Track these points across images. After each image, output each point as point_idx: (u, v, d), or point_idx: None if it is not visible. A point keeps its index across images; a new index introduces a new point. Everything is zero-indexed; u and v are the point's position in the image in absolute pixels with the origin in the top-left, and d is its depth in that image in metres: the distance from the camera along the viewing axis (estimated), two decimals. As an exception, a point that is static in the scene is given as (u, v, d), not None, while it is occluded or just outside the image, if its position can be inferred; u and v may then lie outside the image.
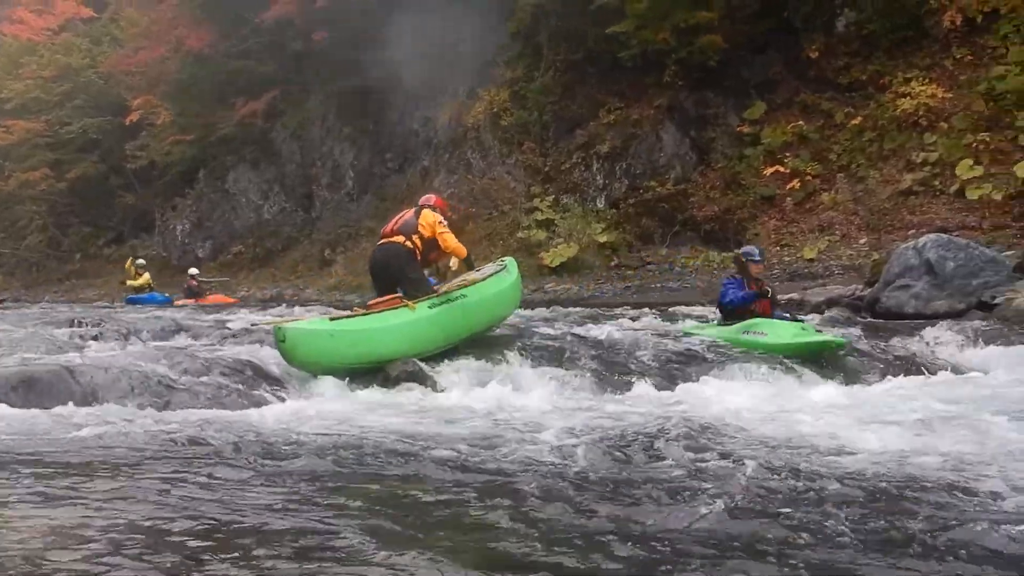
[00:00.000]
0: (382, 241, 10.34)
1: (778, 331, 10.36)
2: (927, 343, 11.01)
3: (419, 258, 10.19)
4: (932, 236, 15.83)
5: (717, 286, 17.07)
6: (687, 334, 11.46)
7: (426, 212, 10.38)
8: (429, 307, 9.74)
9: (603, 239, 26.92)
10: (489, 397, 8.11)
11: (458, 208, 31.18)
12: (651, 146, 28.51)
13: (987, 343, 10.72)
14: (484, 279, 10.69)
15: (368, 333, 9.19)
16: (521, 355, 9.69)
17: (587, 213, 28.30)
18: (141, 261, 29.88)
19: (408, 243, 10.12)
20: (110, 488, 4.69)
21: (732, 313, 11.59)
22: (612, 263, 26.58)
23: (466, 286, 10.29)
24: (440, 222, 10.30)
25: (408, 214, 10.52)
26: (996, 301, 14.13)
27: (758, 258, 12.06)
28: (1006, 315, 13.42)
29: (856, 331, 11.67)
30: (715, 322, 12.28)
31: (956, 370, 9.70)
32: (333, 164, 38.38)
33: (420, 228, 10.18)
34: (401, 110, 36.65)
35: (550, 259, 26.59)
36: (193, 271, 28.62)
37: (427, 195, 11.07)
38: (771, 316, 11.29)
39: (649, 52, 27.82)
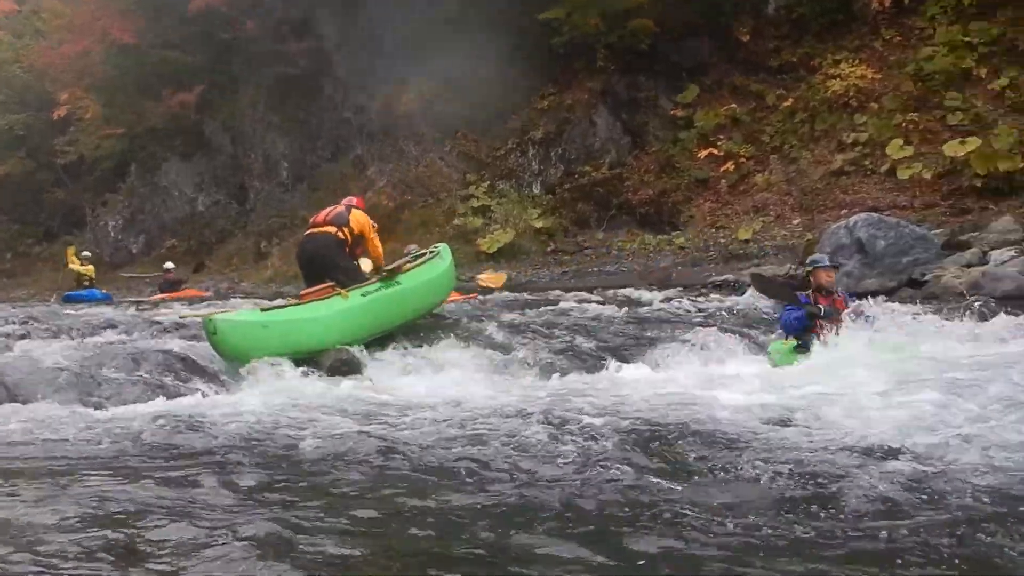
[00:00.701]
0: (311, 231, 10.31)
1: None
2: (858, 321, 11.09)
3: (348, 249, 10.15)
4: (863, 215, 16.05)
5: (653, 269, 17.21)
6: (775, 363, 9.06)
7: (357, 212, 10.46)
8: (362, 295, 9.66)
9: (539, 224, 26.93)
10: (423, 384, 8.07)
11: (393, 196, 31.03)
12: (585, 131, 28.56)
13: (915, 320, 10.84)
14: (418, 265, 10.66)
15: (300, 323, 9.07)
16: (457, 341, 9.65)
17: (523, 199, 28.28)
18: (86, 254, 28.66)
19: (339, 233, 10.08)
20: (35, 486, 4.59)
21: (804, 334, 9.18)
22: (549, 248, 26.60)
23: (400, 272, 10.24)
24: (373, 226, 10.44)
25: (339, 207, 10.59)
26: (925, 279, 14.35)
27: (826, 263, 9.63)
28: (935, 292, 13.63)
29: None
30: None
31: (886, 347, 9.78)
32: (265, 155, 37.94)
33: (351, 223, 10.16)
34: (333, 99, 36.30)
35: (487, 245, 26.54)
36: (168, 265, 27.51)
37: (348, 197, 11.08)
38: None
39: (580, 37, 27.83)
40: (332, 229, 10.14)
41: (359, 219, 10.32)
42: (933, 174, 21.77)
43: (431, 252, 11.38)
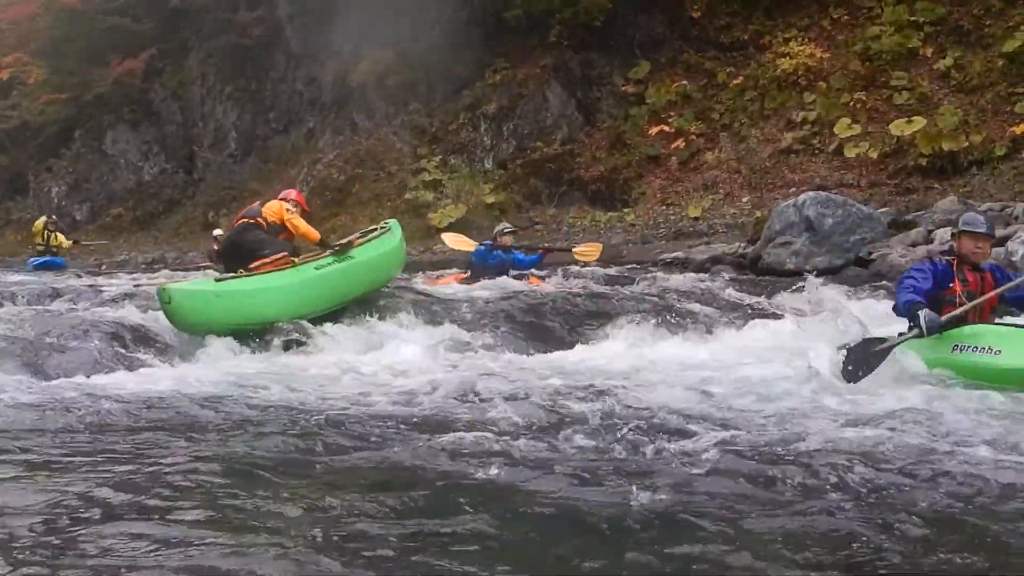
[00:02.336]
0: (235, 226, 10.45)
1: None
2: (807, 299, 11.23)
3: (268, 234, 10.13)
4: (811, 194, 16.22)
5: (603, 246, 17.21)
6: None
7: (271, 203, 10.42)
8: (316, 268, 9.60)
9: (491, 199, 26.92)
10: (376, 360, 8.05)
11: (344, 169, 30.87)
12: (537, 106, 28.57)
13: (860, 297, 11.01)
14: (368, 241, 10.58)
15: (255, 293, 8.99)
16: (409, 317, 9.63)
17: (475, 174, 28.26)
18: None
19: (257, 220, 10.14)
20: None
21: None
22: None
23: (353, 247, 10.19)
24: (287, 209, 10.29)
25: (254, 204, 10.69)
26: (872, 257, 14.57)
27: (980, 227, 6.81)
28: (881, 270, 13.85)
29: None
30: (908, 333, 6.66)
31: (836, 325, 9.89)
32: (216, 125, 37.56)
33: (264, 214, 10.17)
34: (284, 70, 36.00)
35: (438, 220, 26.47)
36: (217, 232, 25.47)
37: (287, 190, 11.05)
38: (990, 320, 6.84)
39: (534, 12, 27.79)
40: (247, 220, 10.19)
41: (271, 207, 10.28)
42: (879, 153, 22.07)
43: (381, 228, 11.23)
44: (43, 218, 25.13)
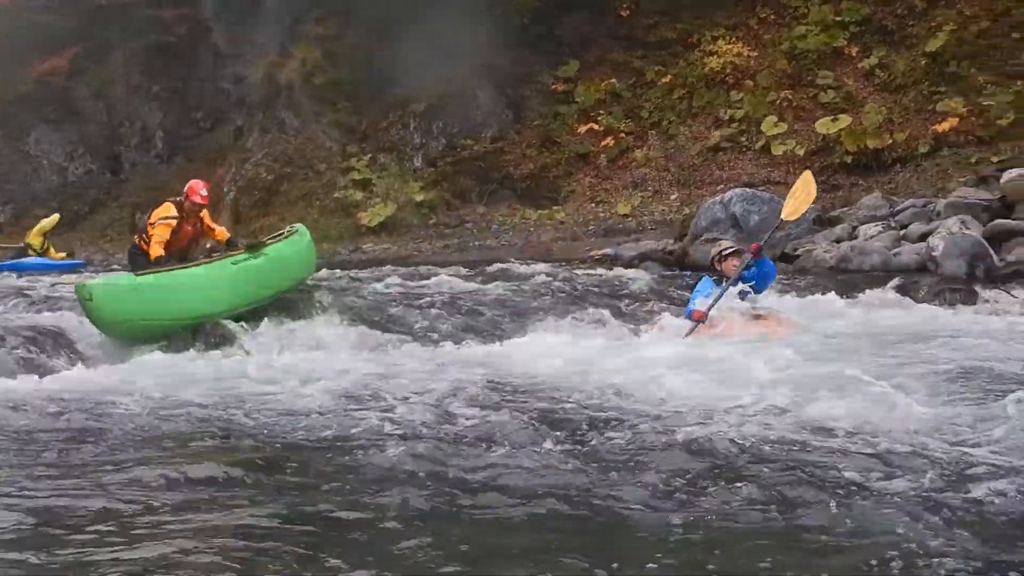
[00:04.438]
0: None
1: None
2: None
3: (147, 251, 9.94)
4: (737, 191, 16.41)
5: (533, 244, 17.29)
6: None
7: (157, 210, 10.18)
8: (232, 263, 9.50)
9: (421, 198, 26.80)
10: (301, 360, 7.95)
11: (273, 168, 30.55)
12: (467, 104, 28.51)
13: (785, 293, 11.14)
14: (279, 240, 10.52)
15: (176, 288, 8.82)
16: (335, 316, 9.55)
17: (404, 172, 28.10)
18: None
19: (138, 240, 10.16)
20: None
21: None
22: (431, 222, 26.50)
23: (267, 245, 10.15)
24: (162, 218, 9.97)
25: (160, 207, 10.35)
26: (797, 253, 14.75)
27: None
28: (806, 266, 14.04)
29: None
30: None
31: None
32: (141, 124, 36.96)
33: (148, 225, 10.05)
34: (211, 68, 35.57)
35: (368, 219, 26.30)
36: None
37: (192, 183, 10.59)
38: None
39: (464, 10, 27.73)
40: (136, 238, 10.32)
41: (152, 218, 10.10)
42: (806, 151, 22.38)
43: (289, 230, 11.07)
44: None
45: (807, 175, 10.32)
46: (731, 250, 9.53)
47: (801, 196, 9.95)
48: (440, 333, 9.32)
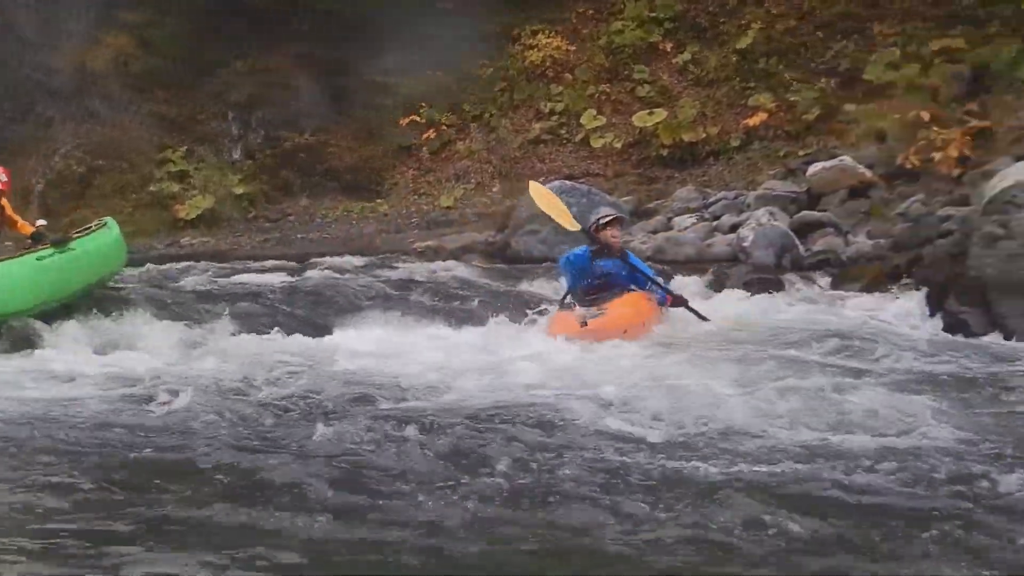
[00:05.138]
0: None
1: None
2: (550, 284, 11.52)
3: None
4: (557, 183, 16.66)
5: (356, 237, 17.15)
6: None
7: None
8: (37, 259, 9.09)
9: (240, 191, 26.27)
10: (109, 360, 7.71)
11: (84, 160, 29.46)
12: (287, 96, 28.06)
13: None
14: (84, 235, 10.11)
15: None
16: (143, 315, 9.26)
17: (223, 164, 27.50)
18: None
19: None
20: None
21: None
22: (251, 215, 26.03)
23: (73, 239, 9.76)
24: None
25: None
26: (615, 244, 15.01)
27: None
28: (624, 256, 14.29)
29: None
30: None
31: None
32: (-59, 114, 35.19)
33: None
34: (16, 56, 34.04)
35: (185, 212, 25.63)
36: None
37: None
38: None
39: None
40: None
41: None
42: (623, 144, 22.86)
43: (97, 224, 10.75)
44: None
45: (532, 188, 10.75)
46: (609, 218, 9.30)
47: (553, 207, 10.04)
48: (261, 326, 9.15)
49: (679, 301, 8.94)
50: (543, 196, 10.37)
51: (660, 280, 9.47)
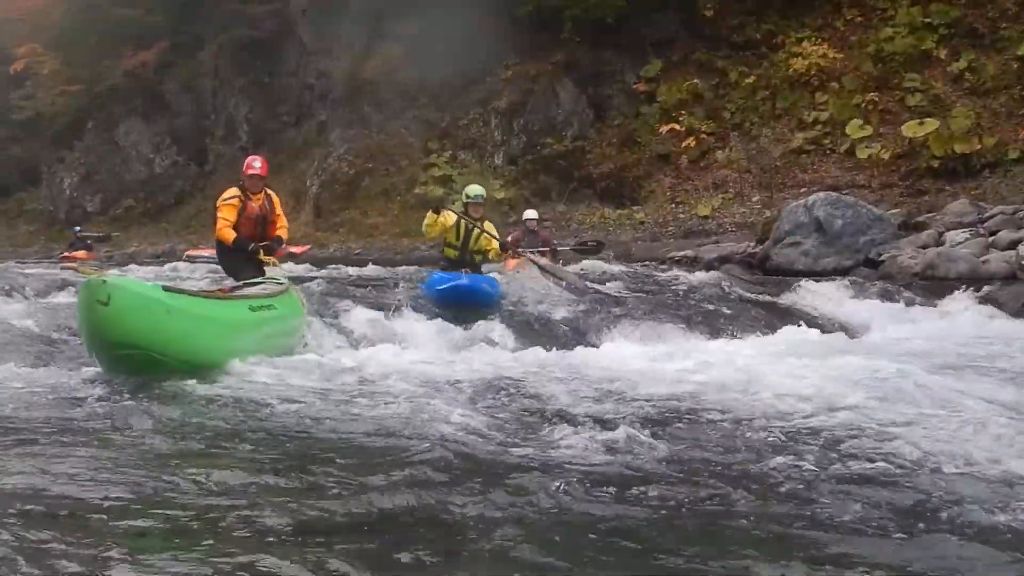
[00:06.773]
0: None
1: None
2: (815, 299, 11.22)
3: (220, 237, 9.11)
4: (822, 195, 16.19)
5: (613, 244, 17.22)
6: None
7: (222, 195, 9.25)
8: (250, 308, 7.33)
9: (501, 195, 26.89)
10: (383, 356, 7.86)
11: (354, 163, 30.91)
12: (549, 103, 28.57)
13: (868, 299, 11.01)
14: (278, 295, 7.84)
15: (203, 321, 6.56)
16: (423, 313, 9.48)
17: (485, 169, 28.26)
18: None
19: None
20: None
21: None
22: (510, 220, 26.58)
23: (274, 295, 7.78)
24: (224, 200, 9.05)
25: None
26: (881, 258, 14.52)
27: None
28: (890, 272, 13.82)
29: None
30: None
31: (841, 327, 9.88)
32: (227, 117, 37.63)
33: (216, 211, 9.21)
34: (296, 63, 36.06)
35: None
36: None
37: (250, 158, 9.51)
38: None
39: (547, 8, 27.81)
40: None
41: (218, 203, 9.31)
42: (891, 155, 22.08)
43: (275, 282, 8.26)
44: None
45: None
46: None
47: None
48: (517, 334, 9.10)
49: None
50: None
51: None
